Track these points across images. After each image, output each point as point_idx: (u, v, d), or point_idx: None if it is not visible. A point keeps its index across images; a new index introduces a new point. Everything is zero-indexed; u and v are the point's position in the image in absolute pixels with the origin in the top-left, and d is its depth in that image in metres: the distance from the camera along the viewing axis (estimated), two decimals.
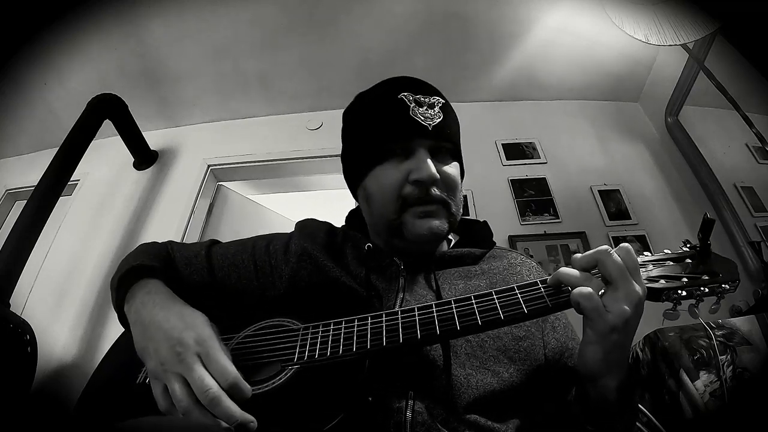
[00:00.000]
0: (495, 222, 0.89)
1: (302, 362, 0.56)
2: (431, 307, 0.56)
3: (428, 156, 0.69)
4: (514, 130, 2.34)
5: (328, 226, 0.85)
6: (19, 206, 2.18)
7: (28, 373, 1.40)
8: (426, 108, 0.71)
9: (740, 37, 1.52)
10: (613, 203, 2.03)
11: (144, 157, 2.37)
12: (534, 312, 0.53)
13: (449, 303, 0.56)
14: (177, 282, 0.72)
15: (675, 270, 0.55)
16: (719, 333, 1.12)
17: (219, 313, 0.63)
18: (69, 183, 1.86)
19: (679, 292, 0.53)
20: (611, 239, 1.91)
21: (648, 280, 0.54)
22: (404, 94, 0.72)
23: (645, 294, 0.51)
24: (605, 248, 0.51)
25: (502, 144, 2.27)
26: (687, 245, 0.59)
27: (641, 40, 1.55)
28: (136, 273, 0.70)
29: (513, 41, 2.15)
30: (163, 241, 0.84)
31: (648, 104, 2.34)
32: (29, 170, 2.35)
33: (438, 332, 0.54)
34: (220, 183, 2.45)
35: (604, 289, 0.51)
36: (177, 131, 2.56)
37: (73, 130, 1.86)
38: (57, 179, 1.76)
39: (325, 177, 2.47)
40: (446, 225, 0.70)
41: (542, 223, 1.98)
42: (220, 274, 0.77)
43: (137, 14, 1.99)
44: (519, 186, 2.10)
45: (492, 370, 0.61)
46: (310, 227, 0.83)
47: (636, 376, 1.22)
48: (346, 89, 2.22)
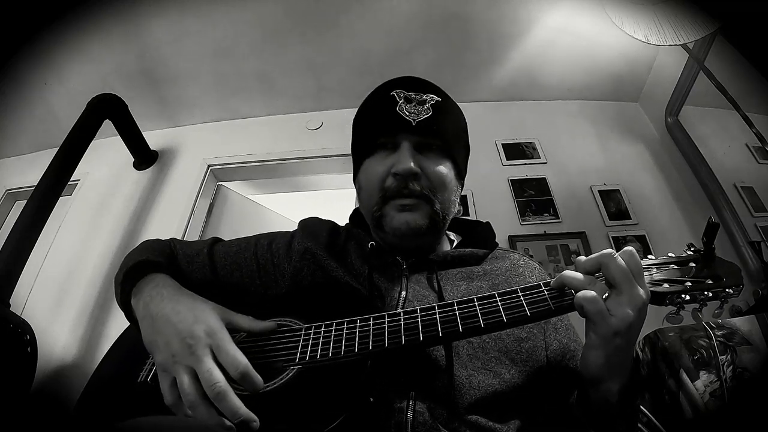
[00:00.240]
0: (495, 222, 0.89)
1: (304, 362, 0.56)
2: (434, 309, 0.56)
3: (410, 150, 0.70)
4: (514, 130, 2.33)
5: (332, 225, 0.85)
6: (19, 206, 2.18)
7: (28, 373, 1.40)
8: (414, 104, 0.73)
9: (740, 37, 1.51)
10: (613, 203, 2.03)
11: (144, 157, 2.37)
12: (537, 315, 0.53)
13: (452, 305, 0.56)
14: (181, 278, 0.71)
15: (679, 274, 0.55)
16: (719, 333, 1.12)
17: None
18: (69, 183, 1.86)
19: (683, 297, 0.53)
20: (611, 239, 1.91)
21: (651, 284, 0.54)
22: (396, 91, 0.74)
23: (649, 298, 0.51)
24: (609, 252, 0.51)
25: (502, 144, 2.26)
26: (691, 249, 0.58)
27: (641, 40, 1.55)
28: (142, 268, 0.69)
29: (513, 41, 2.15)
30: (166, 239, 0.84)
31: (648, 104, 2.34)
32: (29, 170, 2.35)
33: (440, 334, 0.54)
34: (220, 183, 2.45)
35: (608, 293, 0.50)
36: (177, 131, 2.55)
37: (73, 130, 1.86)
38: (57, 179, 1.76)
39: (325, 177, 2.47)
40: (425, 221, 0.71)
41: (542, 223, 1.98)
42: (222, 272, 0.77)
43: (137, 14, 1.99)
44: (519, 186, 2.10)
45: (493, 371, 0.61)
46: (313, 226, 0.83)
47: (637, 378, 1.22)
48: (346, 89, 2.26)
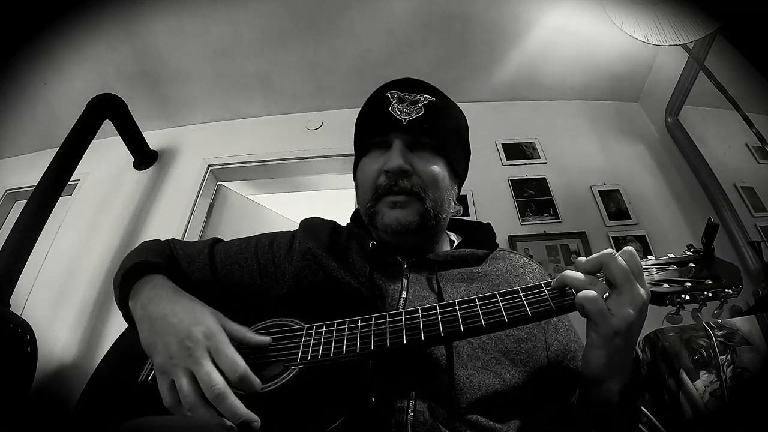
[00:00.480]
0: (495, 222, 0.89)
1: (305, 362, 0.56)
2: (435, 309, 0.56)
3: (401, 148, 0.72)
4: (514, 130, 2.33)
5: (333, 225, 0.85)
6: (19, 206, 2.18)
7: (28, 373, 1.40)
8: (407, 104, 0.74)
9: (740, 37, 1.51)
10: (613, 203, 2.03)
11: (144, 157, 2.37)
12: (538, 315, 0.53)
13: (453, 305, 0.56)
14: (180, 279, 0.71)
15: (678, 274, 0.55)
16: (719, 333, 1.12)
17: (221, 312, 0.63)
18: (69, 183, 1.85)
19: (683, 297, 0.53)
20: (611, 239, 1.91)
21: (652, 284, 0.54)
22: (391, 92, 0.76)
23: (649, 298, 0.51)
24: (610, 252, 0.51)
25: (502, 144, 2.26)
26: (691, 249, 0.59)
27: (641, 40, 1.55)
28: (140, 269, 0.69)
29: (513, 41, 2.14)
30: (166, 239, 0.84)
31: (648, 104, 2.34)
32: (29, 170, 2.34)
33: (442, 334, 0.54)
34: (220, 183, 2.44)
35: (609, 293, 0.50)
36: (177, 131, 2.55)
37: (73, 130, 1.85)
38: (57, 179, 1.76)
39: (325, 177, 2.47)
40: (416, 218, 0.71)
41: (542, 223, 1.98)
42: (223, 272, 0.77)
43: (137, 14, 1.99)
44: (519, 186, 2.10)
45: (493, 371, 0.61)
46: (315, 226, 0.83)
47: (638, 378, 1.22)
48: (346, 89, 2.26)
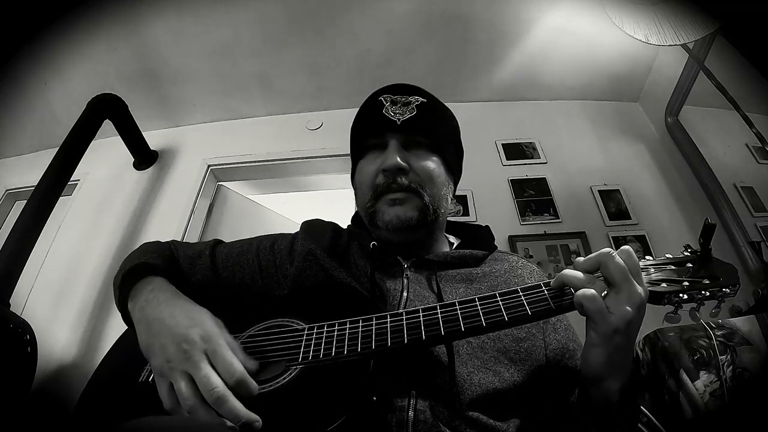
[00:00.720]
0: (495, 222, 0.90)
1: (307, 362, 0.56)
2: (436, 309, 0.57)
3: (397, 147, 0.74)
4: (514, 130, 2.33)
5: (334, 226, 0.86)
6: (19, 206, 2.18)
7: (28, 373, 1.40)
8: (400, 106, 0.77)
9: (740, 37, 1.51)
10: (613, 203, 2.03)
11: (144, 157, 2.37)
12: (537, 314, 0.54)
13: (453, 305, 0.56)
14: (180, 281, 0.72)
15: (676, 274, 0.56)
16: (719, 333, 1.12)
17: (223, 313, 0.63)
18: (69, 183, 1.86)
19: (681, 296, 0.54)
20: (611, 239, 1.91)
21: (650, 284, 0.55)
22: (383, 96, 0.79)
23: (647, 296, 0.51)
24: (607, 251, 0.52)
25: (502, 144, 2.26)
26: (688, 250, 0.59)
27: (641, 40, 1.55)
28: (140, 271, 0.70)
29: (513, 41, 2.14)
30: (166, 241, 0.84)
31: (648, 104, 2.34)
32: (29, 170, 2.34)
33: (443, 333, 0.54)
34: (220, 183, 2.45)
35: (607, 291, 0.51)
36: (177, 131, 2.55)
37: (73, 130, 1.86)
38: (57, 179, 1.76)
39: (325, 177, 2.47)
40: (415, 213, 0.73)
41: (542, 223, 1.98)
42: (225, 274, 0.78)
43: (137, 14, 1.99)
44: (519, 186, 2.10)
45: (493, 370, 0.62)
46: (316, 227, 0.84)
47: (638, 378, 1.22)
48: (346, 89, 2.26)
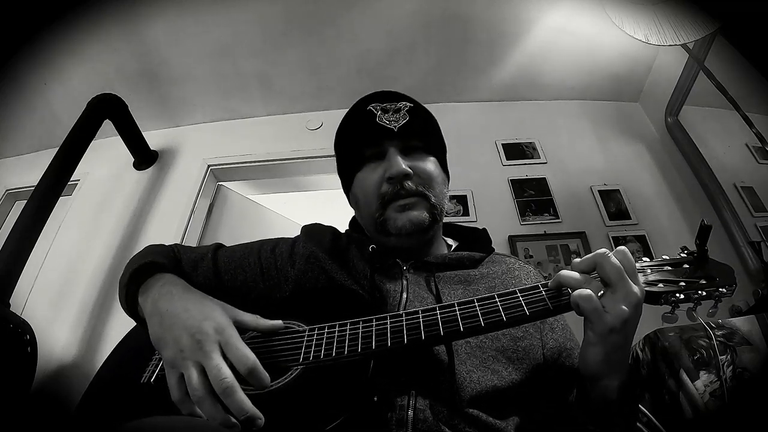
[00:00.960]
0: (495, 222, 0.90)
1: (307, 362, 0.57)
2: (435, 310, 0.57)
3: (398, 154, 0.74)
4: (514, 130, 2.33)
5: (334, 230, 0.87)
6: (19, 206, 2.19)
7: (28, 373, 1.40)
8: (392, 113, 0.77)
9: (740, 37, 1.51)
10: (613, 203, 2.03)
11: (144, 157, 2.37)
12: (535, 314, 0.54)
13: (452, 305, 0.57)
14: (186, 280, 0.72)
15: (673, 275, 0.56)
16: (719, 333, 1.12)
17: None
18: (69, 183, 1.86)
19: (677, 296, 0.54)
20: (611, 239, 1.91)
21: (647, 284, 0.55)
22: (372, 105, 0.79)
23: (643, 295, 0.52)
24: (603, 251, 0.52)
25: (502, 144, 2.26)
26: (685, 251, 0.60)
27: (641, 40, 1.55)
28: (148, 269, 0.71)
29: (513, 41, 2.15)
30: (169, 244, 0.85)
31: (648, 104, 2.34)
32: (29, 170, 2.35)
33: (442, 333, 0.54)
34: (220, 183, 2.45)
35: (603, 291, 0.52)
36: (177, 131, 2.56)
37: (73, 130, 1.86)
38: (57, 179, 1.76)
39: (325, 177, 2.47)
40: (426, 215, 0.74)
41: (542, 223, 1.98)
42: (227, 277, 0.79)
43: (137, 14, 1.99)
44: (519, 186, 2.10)
45: (491, 369, 0.62)
46: (316, 231, 0.86)
47: (636, 376, 1.23)
48: (346, 89, 2.27)
